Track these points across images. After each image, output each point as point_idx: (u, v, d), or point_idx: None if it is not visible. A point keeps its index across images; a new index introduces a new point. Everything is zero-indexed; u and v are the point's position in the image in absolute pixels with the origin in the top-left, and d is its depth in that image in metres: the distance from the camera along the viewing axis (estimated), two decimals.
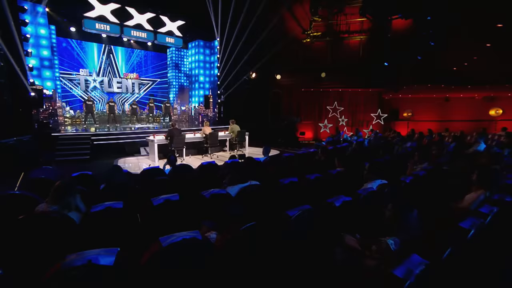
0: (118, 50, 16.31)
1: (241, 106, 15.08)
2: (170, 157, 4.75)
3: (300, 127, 14.75)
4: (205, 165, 4.84)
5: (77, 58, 15.07)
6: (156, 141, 8.51)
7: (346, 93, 14.04)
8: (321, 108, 14.67)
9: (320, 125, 14.79)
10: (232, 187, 3.15)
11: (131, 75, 16.91)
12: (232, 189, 3.10)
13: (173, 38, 14.55)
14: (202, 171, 4.70)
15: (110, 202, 2.45)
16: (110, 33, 12.98)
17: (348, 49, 13.19)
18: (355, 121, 13.92)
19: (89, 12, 12.04)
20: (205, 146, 9.41)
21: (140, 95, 17.33)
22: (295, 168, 4.63)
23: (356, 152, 6.45)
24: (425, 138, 8.58)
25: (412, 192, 3.13)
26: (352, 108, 14.01)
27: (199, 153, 9.84)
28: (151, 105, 14.90)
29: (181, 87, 18.34)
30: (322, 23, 13.49)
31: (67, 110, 14.89)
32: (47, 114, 11.70)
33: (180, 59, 17.97)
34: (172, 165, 4.75)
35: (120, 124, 14.26)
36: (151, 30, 13.74)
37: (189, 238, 1.72)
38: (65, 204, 2.35)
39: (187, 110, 18.26)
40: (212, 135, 9.32)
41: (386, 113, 12.97)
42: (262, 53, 13.98)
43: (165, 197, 2.61)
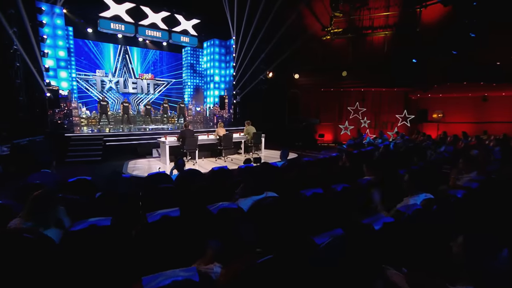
0: (134, 50, 16.28)
1: (257, 107, 14.70)
2: (178, 161, 4.35)
3: (319, 129, 14.14)
4: (216, 171, 4.40)
5: (94, 59, 15.14)
6: (167, 142, 8.21)
7: (369, 93, 13.29)
8: (342, 109, 14.02)
9: (340, 127, 14.12)
10: (245, 199, 2.68)
11: (146, 75, 16.85)
12: (245, 202, 2.62)
13: (188, 37, 14.35)
14: (212, 178, 4.27)
15: (97, 218, 2.03)
16: (125, 33, 12.92)
17: (371, 46, 12.47)
18: (378, 123, 13.14)
19: (104, 12, 12.03)
20: (218, 148, 9.01)
21: (155, 95, 17.24)
22: (318, 176, 4.10)
23: (385, 157, 5.81)
24: (461, 142, 7.78)
25: (467, 211, 2.54)
26: (375, 109, 13.24)
27: (212, 156, 9.46)
28: (165, 105, 14.74)
29: (196, 87, 18.14)
30: (343, 19, 12.85)
31: (83, 111, 14.98)
32: (62, 115, 11.72)
33: (195, 59, 17.77)
34: (179, 170, 4.35)
35: (134, 125, 14.17)
36: (166, 29, 13.58)
37: (181, 281, 1.26)
38: (42, 219, 1.95)
39: (202, 111, 18.00)
40: (226, 137, 8.91)
41: (413, 114, 12.11)
42: (280, 52, 13.59)
43: (163, 213, 2.17)
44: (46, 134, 8.89)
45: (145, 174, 7.37)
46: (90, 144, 9.69)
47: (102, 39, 14.71)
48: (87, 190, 3.32)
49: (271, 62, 14.19)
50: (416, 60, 10.04)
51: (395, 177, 3.83)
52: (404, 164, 4.90)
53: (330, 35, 12.98)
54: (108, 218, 1.98)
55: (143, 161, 8.93)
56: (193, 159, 8.65)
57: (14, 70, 8.93)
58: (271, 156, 10.11)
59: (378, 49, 12.18)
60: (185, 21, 14.01)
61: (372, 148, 7.41)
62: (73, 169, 7.87)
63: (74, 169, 7.96)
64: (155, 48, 16.47)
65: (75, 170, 7.83)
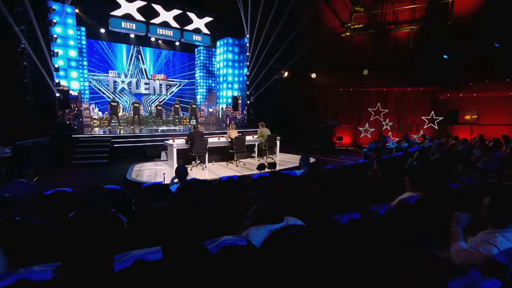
0: (146, 51, 16.02)
1: (272, 108, 14.08)
2: (179, 169, 3.66)
3: (337, 131, 13.23)
4: (223, 181, 3.69)
5: (106, 60, 14.94)
6: (175, 145, 7.60)
7: (392, 93, 12.29)
8: (362, 110, 13.13)
9: (360, 129, 13.20)
10: (258, 228, 1.93)
11: (158, 76, 16.54)
12: (258, 234, 1.87)
13: (200, 36, 13.83)
14: (218, 191, 3.56)
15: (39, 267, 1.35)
16: (136, 32, 12.57)
17: (395, 42, 11.49)
18: (402, 125, 12.11)
19: (115, 11, 11.66)
20: (230, 152, 8.33)
21: (168, 96, 16.89)
22: (348, 190, 3.31)
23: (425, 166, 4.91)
24: (505, 146, 6.75)
25: None
26: (398, 110, 12.23)
27: (223, 160, 8.80)
28: (177, 106, 14.24)
29: (208, 87, 17.66)
30: (364, 14, 11.95)
31: (96, 111, 14.74)
32: (72, 116, 11.41)
33: (208, 59, 17.30)
34: (180, 180, 3.66)
35: (145, 126, 13.73)
36: (178, 28, 13.09)
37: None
38: None
39: (214, 112, 17.49)
40: (239, 140, 8.22)
41: (442, 116, 11.01)
42: (296, 50, 12.95)
43: (139, 256, 1.46)
44: (53, 135, 8.45)
45: (150, 179, 6.85)
46: (97, 146, 9.31)
47: (114, 40, 14.50)
48: (64, 206, 2.66)
49: (287, 61, 13.54)
50: (448, 56, 9.00)
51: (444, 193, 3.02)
52: (447, 175, 4.04)
53: (350, 32, 12.11)
54: (48, 270, 1.28)
55: (150, 165, 8.37)
56: (203, 163, 8.02)
57: (21, 70, 8.57)
58: (286, 161, 9.36)
59: (403, 45, 11.18)
60: (198, 19, 13.49)
61: (401, 153, 6.50)
62: (73, 173, 7.41)
63: (75, 172, 7.51)
64: (168, 48, 16.16)
65: (75, 174, 7.38)
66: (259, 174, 4.19)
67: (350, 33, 12.12)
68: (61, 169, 7.66)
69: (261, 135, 8.99)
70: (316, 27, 12.65)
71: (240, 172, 7.56)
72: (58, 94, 10.16)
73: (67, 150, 8.46)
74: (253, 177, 4.09)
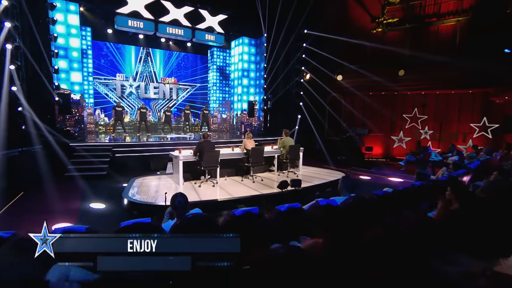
0: (156, 53, 15.51)
1: (292, 114, 13.10)
2: (175, 200, 2.65)
3: (367, 140, 12.02)
4: (239, 217, 2.63)
5: (114, 62, 14.47)
6: (181, 157, 6.66)
7: (432, 97, 10.99)
8: (395, 117, 11.92)
9: (393, 138, 11.98)
10: None
11: (169, 79, 15.93)
12: None
13: (213, 35, 13.00)
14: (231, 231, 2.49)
15: None
16: (144, 31, 11.88)
17: (436, 37, 10.27)
18: (445, 134, 10.75)
19: (122, 8, 11.01)
20: (246, 165, 7.30)
21: (178, 101, 16.25)
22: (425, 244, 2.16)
23: None
24: None
25: None
26: (440, 117, 10.89)
27: (238, 174, 7.80)
28: (187, 112, 13.46)
29: (222, 92, 16.92)
30: (400, 7, 10.82)
31: (101, 117, 14.22)
32: (73, 121, 10.81)
33: (222, 61, 16.61)
34: (178, 215, 2.64)
35: (152, 133, 13.01)
36: (189, 27, 12.29)
37: None
38: None
39: (228, 119, 16.70)
40: (256, 151, 7.20)
41: (497, 123, 9.56)
42: (319, 50, 11.90)
43: None
44: (44, 144, 7.72)
45: (149, 198, 5.92)
46: (96, 155, 8.56)
47: (122, 41, 14.07)
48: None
49: (309, 62, 12.56)
50: (510, 50, 7.67)
51: None
52: None
53: (382, 27, 10.99)
54: None
55: (153, 179, 7.47)
56: (213, 178, 7.04)
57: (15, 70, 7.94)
58: (310, 175, 8.26)
59: (447, 40, 9.91)
60: (211, 17, 12.70)
61: (464, 171, 5.23)
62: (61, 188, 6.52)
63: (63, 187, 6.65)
64: (179, 50, 15.64)
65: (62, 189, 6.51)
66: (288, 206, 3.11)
67: (382, 28, 11.05)
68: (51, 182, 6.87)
69: (283, 145, 7.94)
70: (343, 24, 11.77)
71: (257, 189, 6.54)
72: (57, 98, 9.54)
73: (61, 160, 7.69)
74: (280, 209, 3.02)
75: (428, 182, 4.33)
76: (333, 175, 8.37)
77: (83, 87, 12.06)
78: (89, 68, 13.01)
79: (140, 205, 5.48)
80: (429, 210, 4.38)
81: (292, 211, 3.08)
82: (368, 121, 12.19)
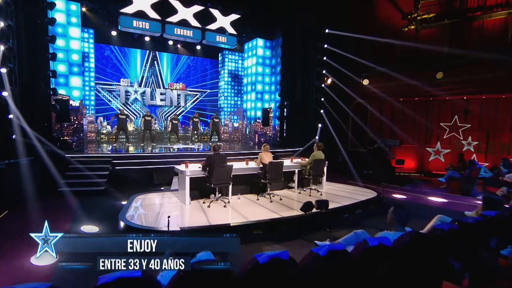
0: (163, 56, 15.45)
1: (310, 123, 12.46)
2: None
3: (397, 152, 11.22)
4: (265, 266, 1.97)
5: (118, 66, 14.37)
6: (188, 172, 6.07)
7: (476, 102, 10.16)
8: (431, 126, 11.14)
9: (428, 150, 11.21)
10: None
11: (177, 85, 15.74)
12: None
13: (225, 36, 12.67)
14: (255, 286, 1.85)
15: None
16: (150, 32, 11.66)
17: (481, 33, 9.51)
18: (494, 146, 9.84)
19: (126, 8, 10.77)
20: (262, 182, 6.65)
21: (186, 108, 15.99)
22: None
23: None
24: None
25: None
26: (487, 125, 10.02)
27: (253, 192, 7.17)
28: (196, 120, 13.01)
29: (234, 98, 16.66)
30: (436, 1, 10.19)
31: (104, 125, 13.98)
32: (71, 130, 10.50)
33: (234, 65, 16.37)
34: None
35: (157, 143, 12.63)
36: (199, 27, 12.01)
37: None
38: None
39: (240, 127, 16.30)
40: (274, 166, 6.55)
41: None
42: (342, 51, 11.35)
43: None
44: (35, 156, 7.30)
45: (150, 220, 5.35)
46: (94, 168, 8.13)
47: (127, 44, 14.04)
48: None
49: (330, 65, 11.95)
50: None
51: None
52: None
53: (415, 24, 10.33)
54: None
55: (155, 197, 6.91)
56: (225, 197, 6.42)
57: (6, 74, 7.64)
58: (336, 194, 7.54)
59: (495, 36, 9.11)
60: (222, 17, 12.36)
61: None
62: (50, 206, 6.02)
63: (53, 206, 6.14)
64: (188, 54, 15.55)
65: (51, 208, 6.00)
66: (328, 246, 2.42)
67: (415, 26, 10.39)
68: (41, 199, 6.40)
69: (312, 160, 7.28)
70: (369, 21, 11.20)
71: (276, 211, 5.88)
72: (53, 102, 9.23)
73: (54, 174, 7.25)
74: (317, 253, 2.33)
75: (504, 211, 3.57)
76: (362, 194, 7.64)
77: (84, 92, 11.83)
78: (91, 72, 12.88)
79: (138, 230, 4.88)
80: (501, 246, 3.62)
81: (334, 255, 2.38)
82: (399, 130, 11.41)
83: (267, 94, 14.80)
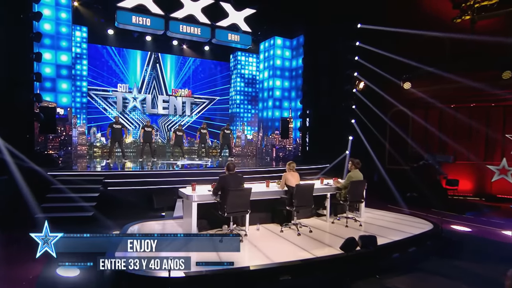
0: (167, 59, 15.56)
1: (339, 135, 12.11)
2: None
3: (449, 170, 10.57)
4: None
5: (114, 70, 14.47)
6: (195, 197, 5.40)
7: None
8: (493, 138, 10.46)
9: (490, 168, 10.39)
10: None
11: (181, 91, 15.81)
12: None
13: (238, 34, 12.66)
14: None
15: None
16: (152, 29, 11.58)
17: None
18: None
19: (124, 1, 10.65)
20: (287, 209, 5.89)
21: (192, 118, 15.99)
22: None
23: None
24: None
25: None
26: None
27: (275, 221, 6.44)
28: (203, 131, 12.57)
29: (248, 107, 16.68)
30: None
31: (98, 137, 13.81)
32: (58, 143, 10.15)
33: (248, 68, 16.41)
34: None
35: (158, 158, 12.40)
36: (208, 24, 12.02)
37: None
38: None
39: (254, 140, 16.20)
40: (303, 190, 5.80)
41: None
42: (378, 49, 11.08)
43: None
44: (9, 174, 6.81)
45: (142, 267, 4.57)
46: (81, 189, 7.71)
47: (126, 44, 14.10)
48: None
49: (363, 67, 11.67)
50: None
51: None
52: None
53: (471, 14, 9.78)
54: None
55: (154, 226, 6.28)
56: (240, 227, 5.70)
57: None
58: (378, 224, 6.79)
59: None
60: (235, 12, 12.35)
61: None
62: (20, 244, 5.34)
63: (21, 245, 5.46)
64: (194, 56, 15.62)
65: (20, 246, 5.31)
66: None
67: (471, 16, 9.88)
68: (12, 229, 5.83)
69: (348, 181, 6.49)
70: (411, 14, 10.76)
71: (307, 249, 5.08)
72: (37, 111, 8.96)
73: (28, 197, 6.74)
74: None
75: None
76: (411, 224, 6.81)
77: (74, 99, 11.67)
78: (83, 76, 12.85)
79: (131, 277, 4.10)
80: None
81: None
82: (449, 143, 10.78)
83: (286, 102, 14.69)
